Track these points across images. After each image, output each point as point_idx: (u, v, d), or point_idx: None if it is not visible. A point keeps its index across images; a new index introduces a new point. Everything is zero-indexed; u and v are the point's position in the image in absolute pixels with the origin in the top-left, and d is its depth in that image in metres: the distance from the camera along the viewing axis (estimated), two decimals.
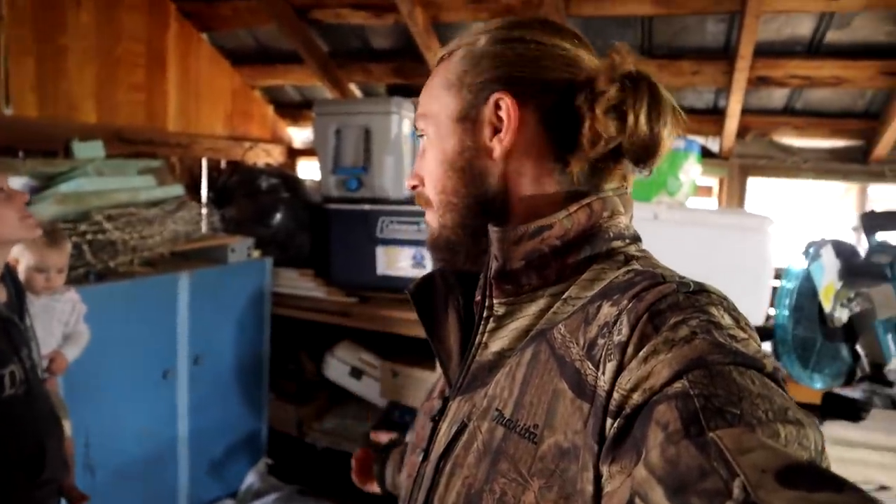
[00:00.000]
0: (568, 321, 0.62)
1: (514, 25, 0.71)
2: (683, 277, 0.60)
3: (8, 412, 1.42)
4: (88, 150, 2.53)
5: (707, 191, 3.36)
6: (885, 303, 1.80)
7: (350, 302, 3.03)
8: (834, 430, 1.80)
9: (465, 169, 0.70)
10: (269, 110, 3.81)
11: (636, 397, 0.51)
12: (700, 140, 3.04)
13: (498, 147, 0.68)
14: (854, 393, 1.84)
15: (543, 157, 0.68)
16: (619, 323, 0.55)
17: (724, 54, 2.66)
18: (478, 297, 0.74)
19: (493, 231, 0.67)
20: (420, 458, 0.74)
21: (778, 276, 2.49)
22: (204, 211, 2.91)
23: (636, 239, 0.70)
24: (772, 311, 2.41)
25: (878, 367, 1.87)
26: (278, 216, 3.12)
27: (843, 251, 1.82)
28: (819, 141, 3.00)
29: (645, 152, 0.65)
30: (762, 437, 0.43)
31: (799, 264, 1.81)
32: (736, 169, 3.14)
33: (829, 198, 3.47)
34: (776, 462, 0.40)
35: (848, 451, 1.78)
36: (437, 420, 0.74)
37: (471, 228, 0.71)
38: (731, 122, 2.89)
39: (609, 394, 0.53)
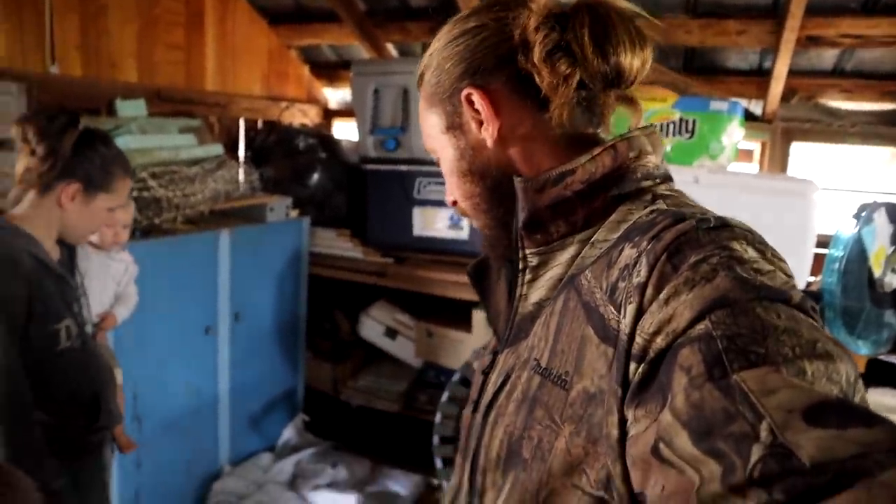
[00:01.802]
0: (594, 266, 0.62)
1: (456, 21, 0.73)
2: (706, 213, 0.58)
3: (65, 363, 1.46)
4: (131, 108, 2.55)
5: (747, 155, 3.29)
6: None
7: (386, 262, 3.05)
8: (878, 396, 1.79)
9: (471, 170, 0.72)
10: (305, 70, 3.79)
11: (659, 341, 0.50)
12: (743, 102, 2.97)
13: (488, 137, 0.70)
14: None
15: (533, 123, 0.69)
16: (638, 265, 0.54)
17: (773, 13, 2.58)
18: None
19: (517, 181, 0.68)
20: (472, 410, 0.76)
21: (821, 243, 2.45)
22: (242, 170, 2.93)
23: (667, 178, 0.69)
24: (812, 279, 2.38)
25: None
26: (316, 176, 3.14)
27: None
28: (866, 104, 2.91)
29: (608, 78, 0.65)
30: (788, 376, 0.42)
31: (849, 229, 1.78)
32: (779, 133, 3.06)
33: (874, 163, 3.38)
34: (803, 401, 0.39)
35: (892, 417, 1.77)
36: (486, 373, 0.76)
37: (500, 219, 0.73)
38: (777, 85, 2.82)
39: (631, 337, 0.52)
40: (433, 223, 2.95)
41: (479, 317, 2.78)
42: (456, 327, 2.92)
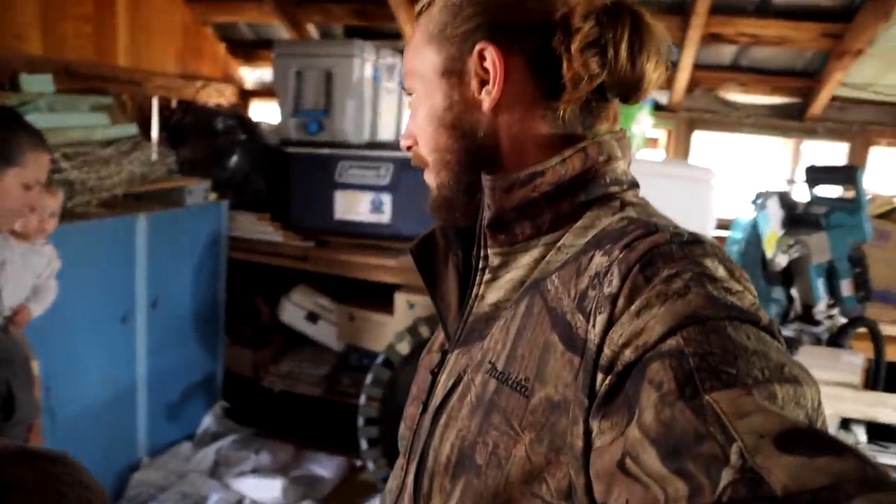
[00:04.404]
0: (561, 272, 0.61)
1: None
2: (678, 227, 0.58)
3: None
4: (37, 83, 2.41)
5: (653, 142, 3.49)
6: (819, 249, 1.98)
7: (307, 246, 3.04)
8: None
9: (454, 124, 0.68)
10: (221, 48, 3.68)
11: (628, 354, 0.49)
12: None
13: (487, 100, 0.66)
14: (786, 332, 2.02)
15: (533, 102, 0.65)
16: (609, 274, 0.54)
17: (681, 10, 2.75)
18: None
19: (485, 179, 0.66)
20: (419, 411, 0.73)
21: (721, 226, 2.66)
22: (157, 151, 2.83)
23: (634, 185, 0.68)
24: None
25: (808, 308, 2.06)
26: (235, 158, 3.07)
27: (787, 202, 1.97)
28: (760, 97, 3.16)
29: (629, 88, 0.64)
30: (759, 400, 0.42)
31: (747, 215, 1.95)
32: (683, 122, 3.27)
33: (766, 152, 3.67)
34: (774, 426, 0.39)
35: None
36: (435, 373, 0.73)
37: (465, 184, 0.69)
38: (683, 77, 3.01)
39: (599, 347, 0.52)
40: (355, 207, 2.97)
41: (401, 300, 2.83)
42: (378, 310, 2.96)
